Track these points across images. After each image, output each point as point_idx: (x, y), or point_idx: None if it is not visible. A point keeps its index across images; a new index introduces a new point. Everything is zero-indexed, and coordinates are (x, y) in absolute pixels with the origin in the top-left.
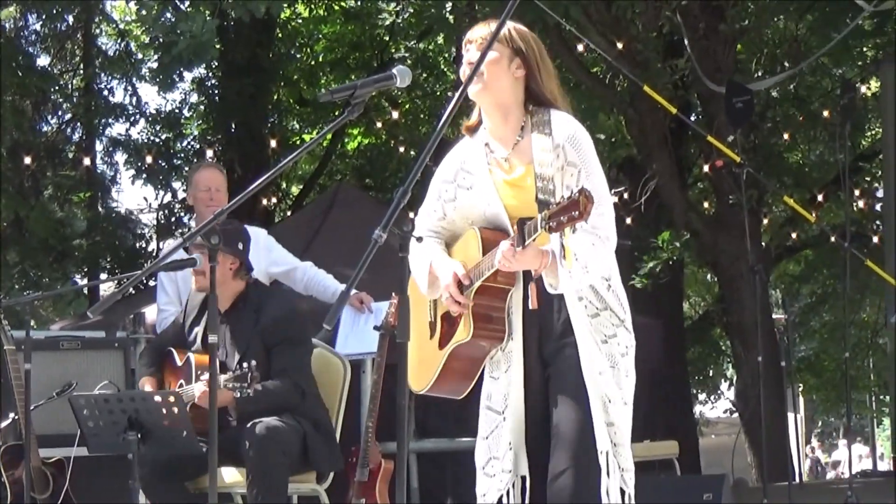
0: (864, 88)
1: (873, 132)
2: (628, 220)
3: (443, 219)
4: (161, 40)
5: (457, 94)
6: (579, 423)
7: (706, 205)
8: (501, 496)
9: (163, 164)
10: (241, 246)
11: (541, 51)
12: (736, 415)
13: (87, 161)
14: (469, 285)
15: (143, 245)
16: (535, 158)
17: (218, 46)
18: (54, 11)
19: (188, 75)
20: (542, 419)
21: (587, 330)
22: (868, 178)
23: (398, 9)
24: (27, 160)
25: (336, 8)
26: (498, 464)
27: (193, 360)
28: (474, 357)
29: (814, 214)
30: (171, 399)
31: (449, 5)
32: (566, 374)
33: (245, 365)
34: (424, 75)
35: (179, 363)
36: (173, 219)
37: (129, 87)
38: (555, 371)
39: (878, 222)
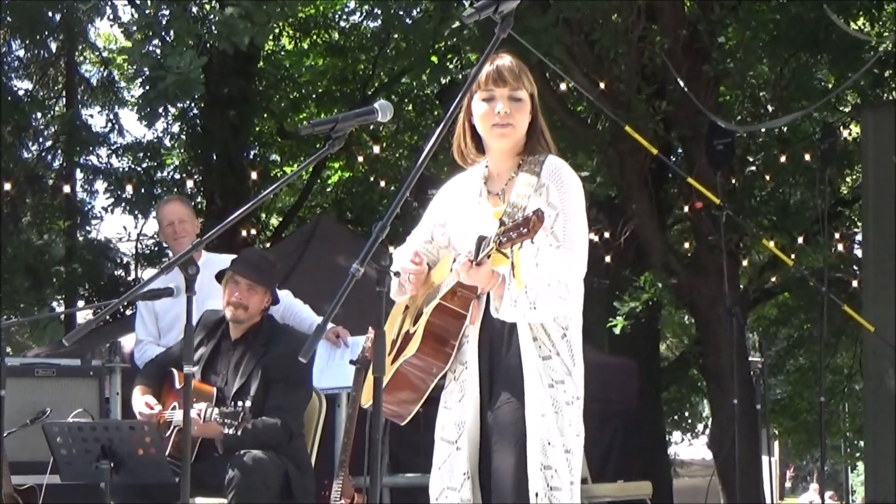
0: (845, 133)
1: (854, 177)
2: (608, 259)
3: (429, 242)
4: (147, 74)
5: (437, 130)
6: (517, 468)
7: (686, 246)
8: None
9: (143, 192)
10: (276, 284)
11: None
12: (711, 456)
13: (66, 189)
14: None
15: (123, 274)
16: (515, 190)
17: (202, 78)
18: (38, 38)
19: (172, 109)
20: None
21: (537, 371)
22: (847, 223)
23: (382, 44)
24: (7, 186)
25: (319, 41)
26: (454, 494)
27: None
28: (420, 376)
29: (793, 257)
30: (146, 428)
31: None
32: (509, 413)
33: (240, 404)
34: (408, 108)
35: (178, 385)
36: (156, 248)
37: (111, 116)
38: (498, 409)
39: (856, 267)
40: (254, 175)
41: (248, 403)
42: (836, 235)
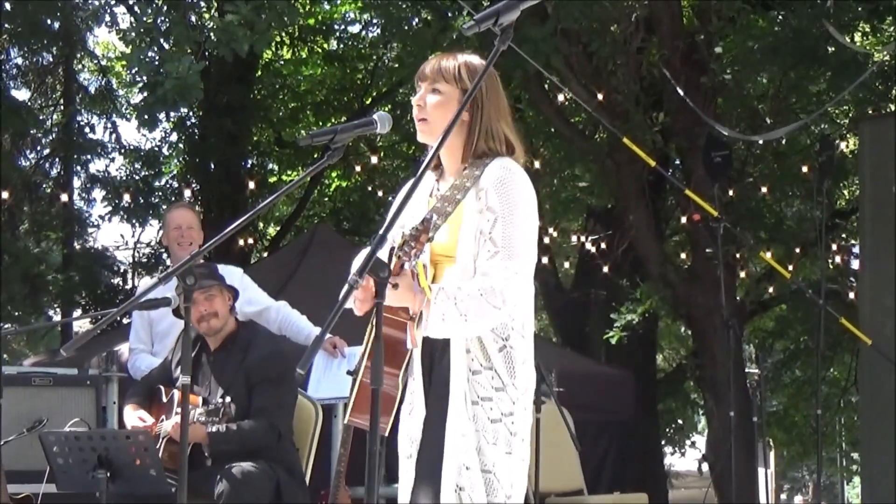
0: (843, 145)
1: (851, 189)
2: (605, 270)
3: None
4: (145, 80)
5: (437, 141)
6: (429, 488)
7: (683, 257)
8: None
9: (141, 201)
10: (226, 280)
11: (491, 88)
12: (706, 467)
13: (64, 197)
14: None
15: (120, 282)
16: (443, 196)
17: (200, 87)
18: (35, 46)
19: (171, 114)
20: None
21: (462, 387)
22: (844, 235)
23: (381, 53)
24: (4, 194)
25: (318, 50)
26: None
27: (177, 397)
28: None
29: (790, 268)
30: (142, 438)
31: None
32: (430, 431)
33: (220, 400)
34: (407, 118)
35: (165, 399)
36: (153, 257)
37: (109, 125)
38: (425, 424)
39: (853, 279)
40: (251, 184)
41: (228, 399)
42: (834, 247)
